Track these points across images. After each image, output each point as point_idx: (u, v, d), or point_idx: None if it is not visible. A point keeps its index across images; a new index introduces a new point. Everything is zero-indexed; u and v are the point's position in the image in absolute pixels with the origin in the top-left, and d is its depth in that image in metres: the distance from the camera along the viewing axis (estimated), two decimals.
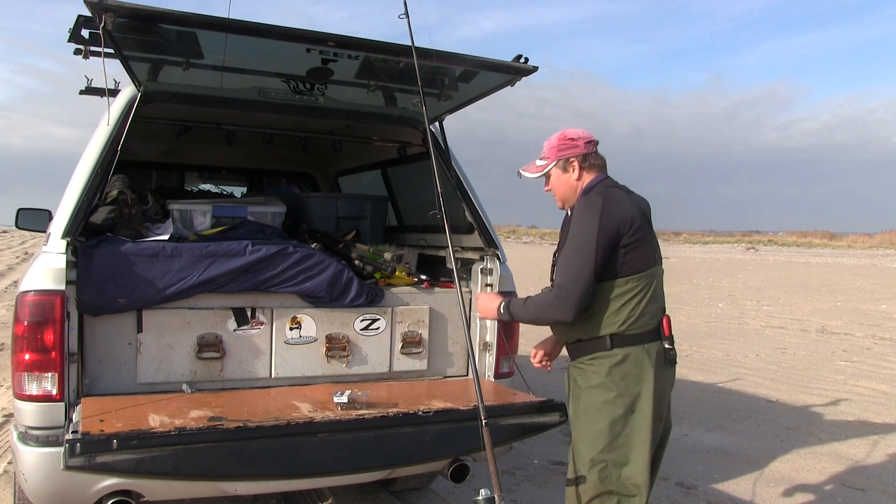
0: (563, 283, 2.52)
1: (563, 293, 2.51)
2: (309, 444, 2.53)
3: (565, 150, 2.68)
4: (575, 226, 2.55)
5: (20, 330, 2.60)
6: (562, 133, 2.71)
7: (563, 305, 2.51)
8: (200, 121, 3.90)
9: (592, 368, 2.60)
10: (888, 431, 5.69)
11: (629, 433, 2.56)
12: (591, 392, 2.60)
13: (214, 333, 3.01)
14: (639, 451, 2.56)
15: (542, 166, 2.73)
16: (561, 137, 2.69)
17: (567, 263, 2.54)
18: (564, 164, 2.68)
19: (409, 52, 2.71)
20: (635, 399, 2.56)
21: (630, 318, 2.55)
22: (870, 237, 56.15)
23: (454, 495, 4.03)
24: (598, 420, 2.56)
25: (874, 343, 10.35)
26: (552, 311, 2.56)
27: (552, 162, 2.69)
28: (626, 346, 2.56)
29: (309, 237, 3.68)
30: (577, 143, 2.68)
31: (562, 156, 2.68)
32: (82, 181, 2.84)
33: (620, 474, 2.56)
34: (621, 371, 2.56)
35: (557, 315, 2.55)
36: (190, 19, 2.49)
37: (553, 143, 2.70)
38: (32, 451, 2.58)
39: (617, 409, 2.55)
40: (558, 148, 2.68)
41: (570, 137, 2.68)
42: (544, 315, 2.62)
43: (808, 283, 21.53)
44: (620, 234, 2.51)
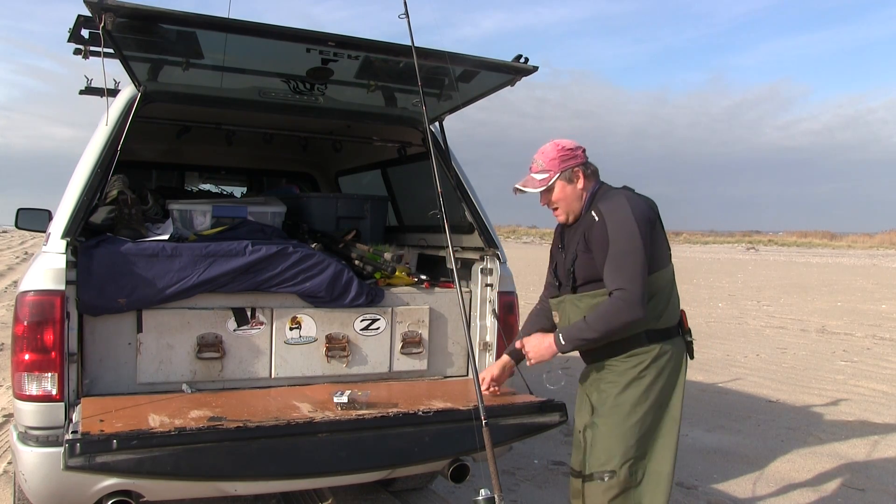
0: (624, 284, 2.48)
1: (627, 294, 2.47)
2: (309, 444, 2.53)
3: (568, 161, 2.67)
4: (614, 227, 2.52)
5: (20, 330, 2.60)
6: (557, 144, 2.71)
7: (632, 306, 2.47)
8: (200, 121, 3.90)
9: (627, 365, 2.61)
10: (888, 431, 5.69)
11: (659, 428, 2.62)
12: (624, 388, 2.60)
13: (214, 333, 3.01)
14: (665, 443, 2.62)
15: (545, 179, 2.68)
16: (559, 149, 2.69)
17: (619, 265, 2.50)
18: (570, 174, 2.67)
19: (409, 52, 2.71)
20: (668, 393, 2.62)
21: (662, 312, 2.61)
22: (870, 237, 56.16)
23: (454, 495, 4.02)
24: (630, 415, 2.58)
25: (874, 343, 10.35)
26: (624, 316, 2.49)
27: (556, 174, 2.66)
28: (660, 340, 2.61)
29: (309, 237, 3.68)
30: (576, 153, 2.69)
31: (566, 167, 2.66)
32: (82, 181, 2.84)
33: (647, 468, 2.60)
34: (658, 366, 2.59)
35: (630, 317, 2.48)
36: (190, 19, 2.49)
37: (553, 155, 2.68)
38: (32, 451, 2.58)
39: (650, 403, 2.59)
40: (560, 159, 2.67)
41: (569, 148, 2.69)
42: (616, 323, 2.51)
43: (809, 283, 21.53)
44: (651, 226, 2.56)
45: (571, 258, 2.68)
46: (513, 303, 3.45)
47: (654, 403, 2.60)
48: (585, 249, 2.62)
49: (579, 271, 2.65)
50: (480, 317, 3.50)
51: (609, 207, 2.58)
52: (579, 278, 2.66)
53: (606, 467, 2.58)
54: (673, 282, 2.69)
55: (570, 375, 7.80)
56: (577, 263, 2.65)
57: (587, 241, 2.61)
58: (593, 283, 2.62)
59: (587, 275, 2.63)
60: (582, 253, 2.63)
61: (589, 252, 2.60)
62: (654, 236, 2.58)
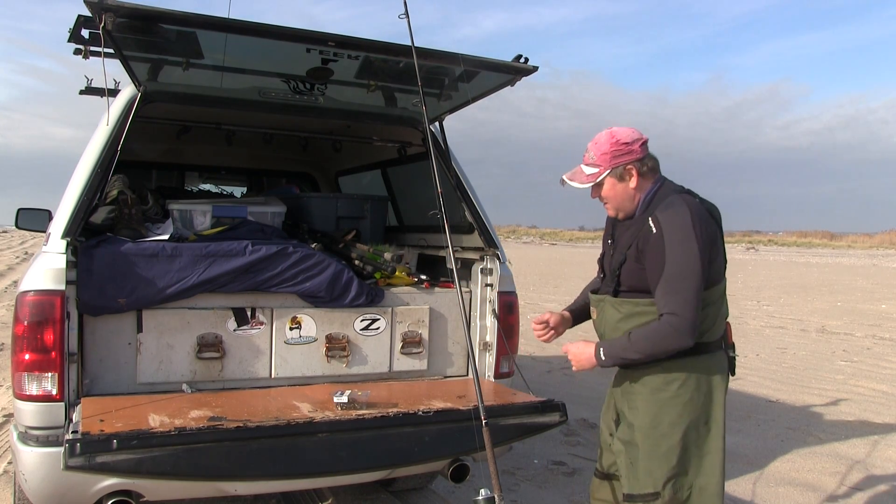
0: (676, 310, 2.29)
1: (678, 321, 2.29)
2: (309, 444, 2.53)
3: (620, 157, 2.42)
4: (672, 244, 2.32)
5: (20, 330, 2.60)
6: (612, 135, 2.44)
7: (682, 334, 2.30)
8: (200, 121, 3.90)
9: (662, 381, 2.45)
10: (888, 431, 5.69)
11: (702, 443, 2.47)
12: (663, 405, 2.45)
13: (214, 333, 3.01)
14: (712, 460, 2.47)
15: (594, 174, 2.45)
16: (613, 142, 2.42)
17: (673, 288, 2.31)
18: (621, 172, 2.43)
19: (409, 52, 2.71)
20: (710, 409, 2.47)
21: (706, 328, 2.43)
22: (870, 237, 56.18)
23: (454, 495, 4.02)
24: (671, 434, 2.43)
25: (874, 343, 10.35)
26: (671, 343, 2.32)
27: (606, 170, 2.43)
28: (699, 354, 2.43)
29: (309, 237, 3.68)
30: (632, 147, 2.42)
31: (617, 163, 2.42)
32: (82, 181, 2.84)
33: (693, 484, 2.47)
34: (697, 381, 2.44)
35: (677, 344, 2.32)
36: (190, 19, 2.49)
37: (605, 149, 2.43)
38: (32, 451, 2.58)
39: (692, 420, 2.44)
40: (612, 154, 2.42)
41: (625, 142, 2.42)
42: (661, 348, 2.35)
43: (808, 283, 21.53)
44: (711, 246, 2.38)
45: (620, 260, 2.49)
46: (513, 303, 3.45)
47: (694, 420, 2.45)
48: (637, 258, 2.42)
49: (625, 277, 2.47)
50: (480, 317, 3.50)
51: (669, 220, 2.34)
52: (624, 284, 2.48)
53: (648, 489, 2.45)
54: (723, 295, 2.53)
55: (570, 376, 7.82)
56: (624, 268, 2.46)
57: (639, 251, 2.40)
58: (637, 293, 2.45)
59: (633, 283, 2.46)
60: (632, 260, 2.43)
61: (640, 262, 2.41)
62: (713, 253, 2.40)
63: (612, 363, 2.45)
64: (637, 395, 2.51)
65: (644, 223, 2.41)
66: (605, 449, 2.73)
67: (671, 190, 2.47)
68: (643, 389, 2.49)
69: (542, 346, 9.09)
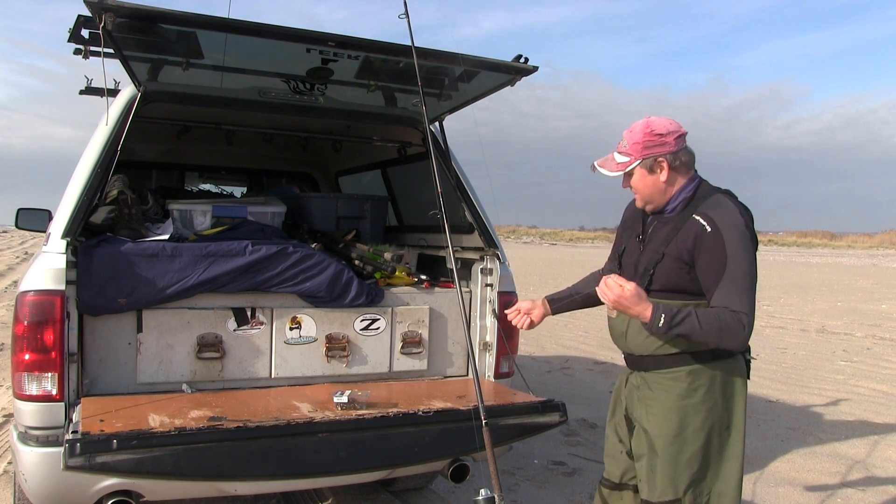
0: (746, 309, 2.22)
1: (748, 319, 2.22)
2: (309, 444, 2.53)
3: (652, 148, 2.34)
4: (734, 242, 2.24)
5: (20, 330, 2.60)
6: (647, 125, 2.36)
7: (747, 334, 2.24)
8: (200, 121, 3.90)
9: (688, 385, 2.38)
10: (888, 431, 5.69)
11: (723, 449, 2.44)
12: (688, 411, 2.38)
13: (214, 333, 3.01)
14: (732, 466, 2.43)
15: (624, 164, 2.38)
16: (647, 132, 2.34)
17: (741, 287, 2.23)
18: (651, 164, 2.35)
19: (409, 52, 2.71)
20: (731, 414, 2.43)
21: None
22: (870, 237, 56.20)
23: (454, 495, 4.02)
24: (695, 441, 2.38)
25: (874, 343, 10.35)
26: (738, 340, 2.24)
27: (636, 160, 2.36)
28: (722, 358, 2.38)
29: (309, 237, 3.68)
30: (665, 139, 2.34)
31: (648, 154, 2.34)
32: (82, 181, 2.84)
33: (712, 490, 2.43)
34: (722, 386, 2.40)
35: (738, 343, 2.26)
36: (190, 19, 2.49)
37: (637, 139, 2.35)
38: (32, 451, 2.58)
39: (715, 426, 2.40)
40: (644, 145, 2.34)
41: (658, 133, 2.34)
42: (725, 342, 2.25)
43: (808, 282, 21.52)
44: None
45: (655, 258, 2.38)
46: (513, 303, 3.44)
47: (717, 426, 2.41)
48: (681, 257, 2.31)
49: (661, 276, 2.36)
50: (480, 317, 3.50)
51: (725, 219, 2.28)
52: (657, 283, 2.37)
53: (669, 496, 2.40)
54: None
55: (570, 376, 7.82)
56: (660, 267, 2.35)
57: (689, 251, 2.29)
58: (671, 294, 2.34)
59: (670, 283, 2.35)
60: (674, 259, 2.33)
61: (684, 262, 2.31)
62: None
63: (665, 329, 2.23)
64: (657, 401, 2.43)
65: (689, 221, 2.32)
66: (615, 457, 2.65)
67: (712, 189, 2.40)
68: (667, 396, 2.41)
69: (542, 345, 9.09)
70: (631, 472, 2.60)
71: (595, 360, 8.19)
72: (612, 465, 2.67)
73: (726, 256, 2.24)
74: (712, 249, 2.25)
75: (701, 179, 2.44)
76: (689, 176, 2.41)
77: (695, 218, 2.31)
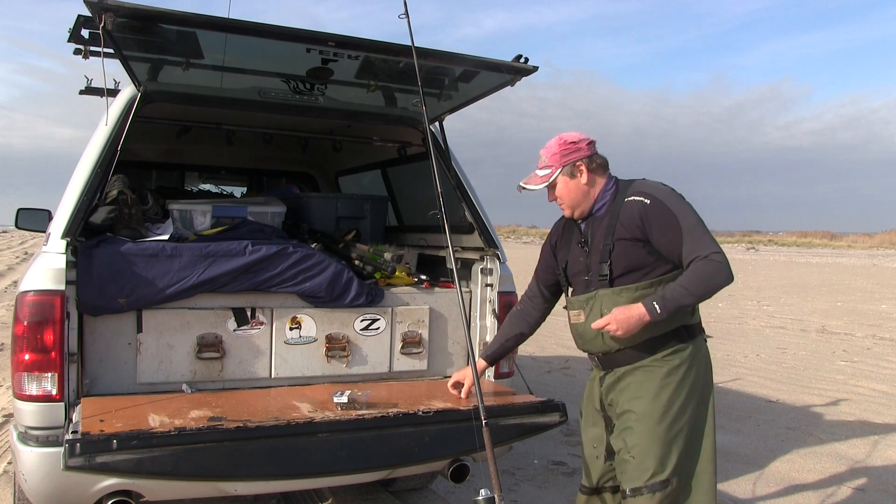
0: (713, 246, 2.41)
1: (720, 256, 2.40)
2: (309, 444, 2.53)
3: (570, 155, 2.58)
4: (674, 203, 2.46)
5: (20, 330, 2.60)
6: (559, 138, 2.61)
7: (727, 268, 2.40)
8: (200, 121, 3.90)
9: (671, 365, 2.51)
10: (888, 431, 5.69)
11: (701, 426, 2.55)
12: (674, 389, 2.50)
13: (214, 333, 3.01)
14: (708, 444, 2.55)
15: (547, 175, 2.60)
16: (561, 143, 2.59)
17: (700, 233, 2.43)
18: (571, 169, 2.58)
19: (409, 52, 2.71)
20: (707, 390, 2.58)
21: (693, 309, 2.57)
22: (870, 237, 56.20)
23: (454, 495, 4.02)
24: (679, 417, 2.50)
25: (874, 343, 10.35)
26: (724, 276, 2.40)
27: (557, 169, 2.58)
28: (696, 336, 2.58)
29: (309, 237, 3.68)
30: (579, 145, 2.59)
31: (567, 161, 2.57)
32: (82, 181, 2.84)
33: (692, 469, 2.53)
34: (697, 363, 2.55)
35: (726, 278, 2.41)
36: (190, 19, 2.49)
37: (554, 150, 2.59)
38: (32, 451, 2.58)
39: (694, 403, 2.53)
40: (561, 154, 2.58)
41: (571, 141, 2.59)
42: (713, 284, 2.41)
43: (808, 283, 21.52)
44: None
45: (606, 250, 2.52)
46: (512, 303, 3.45)
47: (697, 403, 2.54)
48: (633, 237, 2.48)
49: (620, 261, 2.51)
50: (480, 317, 3.50)
51: (655, 191, 2.51)
52: (618, 269, 2.51)
53: (658, 478, 2.46)
54: None
55: (570, 376, 7.81)
56: (614, 255, 2.50)
57: (641, 227, 2.46)
58: (633, 273, 2.50)
59: (630, 264, 2.50)
60: (626, 241, 2.49)
61: (638, 239, 2.47)
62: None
63: (668, 314, 2.42)
64: (643, 383, 2.53)
65: (625, 204, 2.52)
66: (591, 463, 2.73)
67: (629, 180, 2.62)
68: (651, 376, 2.52)
69: (543, 345, 9.09)
70: (607, 475, 2.69)
71: None
72: (589, 471, 2.75)
73: (675, 216, 2.44)
74: (661, 216, 2.45)
75: (617, 178, 2.64)
76: (606, 176, 2.63)
77: (631, 199, 2.52)
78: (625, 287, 2.51)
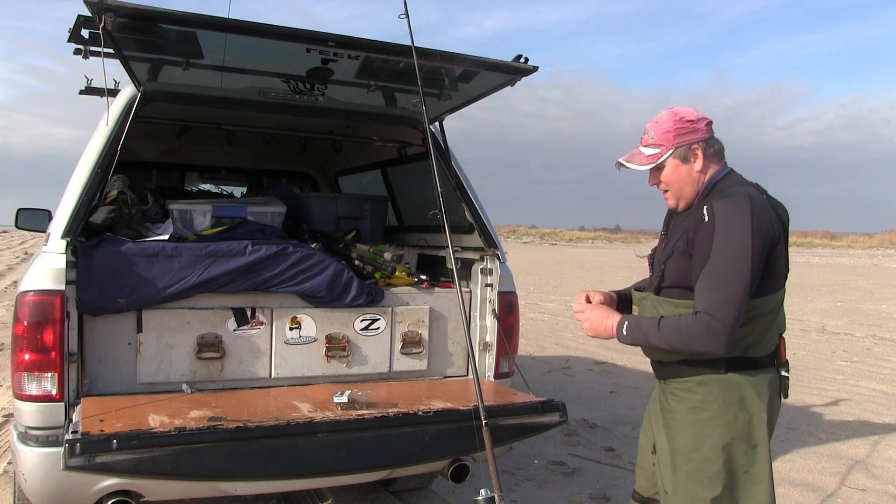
0: (713, 308, 2.03)
1: (713, 322, 2.02)
2: (309, 444, 2.53)
3: (686, 136, 2.19)
4: (722, 236, 2.07)
5: (20, 330, 2.60)
6: (674, 113, 2.22)
7: (715, 338, 2.02)
8: (200, 121, 3.90)
9: (701, 399, 2.21)
10: (888, 431, 5.69)
11: (750, 468, 2.21)
12: (704, 425, 2.20)
13: (214, 333, 3.01)
14: (761, 490, 2.20)
15: (655, 155, 2.22)
16: (676, 119, 2.20)
17: (715, 285, 2.05)
18: (685, 152, 2.20)
19: (409, 52, 2.71)
20: (755, 431, 2.20)
21: (754, 341, 2.20)
22: (870, 237, 56.22)
23: (454, 495, 4.02)
24: (713, 458, 2.18)
25: (874, 343, 10.35)
26: (700, 344, 2.06)
27: (669, 150, 2.20)
28: (744, 370, 2.19)
29: (309, 237, 3.69)
30: (697, 125, 2.20)
31: (681, 142, 2.19)
32: (82, 181, 2.84)
33: None
34: (741, 400, 2.19)
35: (707, 348, 2.05)
36: (190, 19, 2.49)
37: (667, 127, 2.20)
38: (32, 451, 2.58)
39: (735, 442, 2.19)
40: (676, 133, 2.19)
41: (689, 119, 2.21)
42: (689, 346, 2.09)
43: (808, 283, 21.52)
44: (771, 247, 2.13)
45: (668, 254, 2.25)
46: (513, 303, 3.45)
47: (738, 443, 2.19)
48: (685, 250, 2.18)
49: (670, 272, 2.23)
50: (480, 317, 3.50)
51: (725, 209, 2.09)
52: (668, 280, 2.25)
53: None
54: (780, 306, 2.29)
55: (570, 376, 7.80)
56: (670, 262, 2.23)
57: (688, 242, 2.16)
58: (681, 290, 2.21)
59: (677, 279, 2.21)
60: (680, 253, 2.19)
61: (688, 255, 2.17)
62: (773, 257, 2.15)
63: (631, 341, 2.20)
64: (674, 413, 2.28)
65: (698, 210, 2.18)
66: (645, 469, 2.50)
67: (737, 181, 2.23)
68: (680, 407, 2.26)
69: (543, 346, 9.09)
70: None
71: (595, 360, 8.19)
72: (642, 479, 2.53)
73: (712, 249, 2.08)
74: (703, 242, 2.11)
75: (731, 171, 2.27)
76: (721, 164, 2.27)
77: (702, 208, 2.16)
78: (666, 300, 2.24)
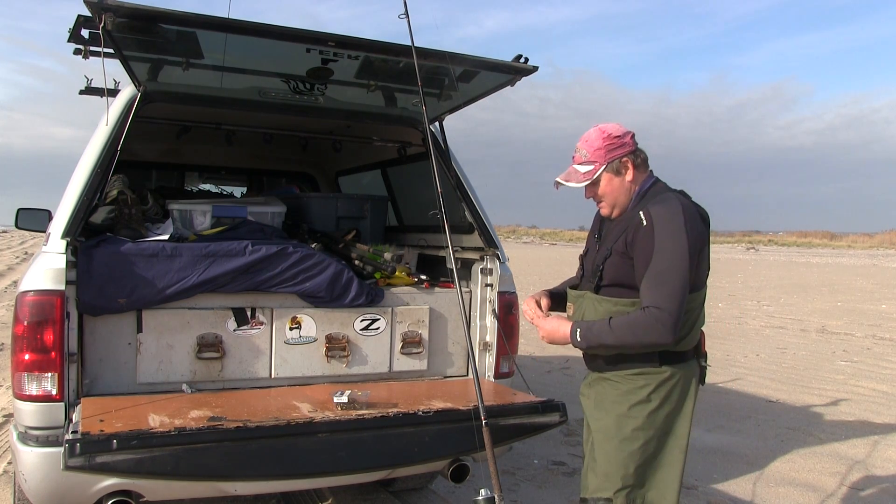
0: (660, 301, 2.22)
1: (663, 315, 2.21)
2: (309, 444, 2.53)
3: (615, 150, 2.39)
4: (662, 236, 2.27)
5: (20, 330, 2.60)
6: (602, 130, 2.42)
7: (664, 327, 2.21)
8: (200, 121, 3.90)
9: (633, 384, 2.40)
10: (888, 431, 5.69)
11: (661, 454, 2.43)
12: (631, 408, 2.39)
13: (214, 333, 3.01)
14: (669, 473, 2.43)
15: (590, 172, 2.41)
16: (605, 136, 2.40)
17: (661, 281, 2.24)
18: (617, 165, 2.40)
19: (409, 52, 2.71)
20: (675, 419, 2.43)
21: (683, 334, 2.35)
22: (870, 237, 56.24)
23: (454, 495, 4.02)
24: (633, 440, 2.38)
25: (874, 343, 10.35)
26: (653, 335, 2.24)
27: (602, 165, 2.39)
28: (673, 363, 2.39)
29: (309, 237, 3.68)
30: (624, 139, 2.41)
31: (613, 157, 2.39)
32: (82, 181, 2.84)
33: (646, 498, 2.43)
34: (666, 390, 2.39)
35: (659, 339, 2.24)
36: (190, 19, 2.49)
37: (598, 145, 2.40)
38: (32, 451, 2.58)
39: (655, 430, 2.40)
40: (606, 149, 2.39)
41: (616, 135, 2.41)
42: (640, 339, 2.27)
43: (808, 283, 21.52)
44: (700, 245, 2.33)
45: (604, 255, 2.43)
46: (513, 303, 3.45)
47: (659, 430, 2.41)
48: (624, 252, 2.37)
49: (609, 271, 2.41)
50: (480, 317, 3.50)
51: (661, 213, 2.30)
52: (606, 279, 2.42)
53: (602, 494, 2.41)
54: (703, 304, 2.46)
55: (570, 376, 7.80)
56: (608, 262, 2.41)
57: (628, 244, 2.35)
58: (619, 288, 2.39)
59: (616, 277, 2.40)
60: (619, 254, 2.38)
61: (627, 256, 2.36)
62: (700, 256, 2.34)
63: (586, 346, 2.38)
64: (603, 396, 2.48)
65: (634, 215, 2.37)
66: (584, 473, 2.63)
67: (665, 188, 2.45)
68: (611, 391, 2.45)
69: (543, 346, 9.09)
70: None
71: None
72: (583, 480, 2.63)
73: (654, 249, 2.27)
74: (644, 243, 2.29)
75: (657, 180, 2.48)
76: (648, 173, 2.47)
77: (637, 212, 2.35)
78: (606, 298, 2.41)
